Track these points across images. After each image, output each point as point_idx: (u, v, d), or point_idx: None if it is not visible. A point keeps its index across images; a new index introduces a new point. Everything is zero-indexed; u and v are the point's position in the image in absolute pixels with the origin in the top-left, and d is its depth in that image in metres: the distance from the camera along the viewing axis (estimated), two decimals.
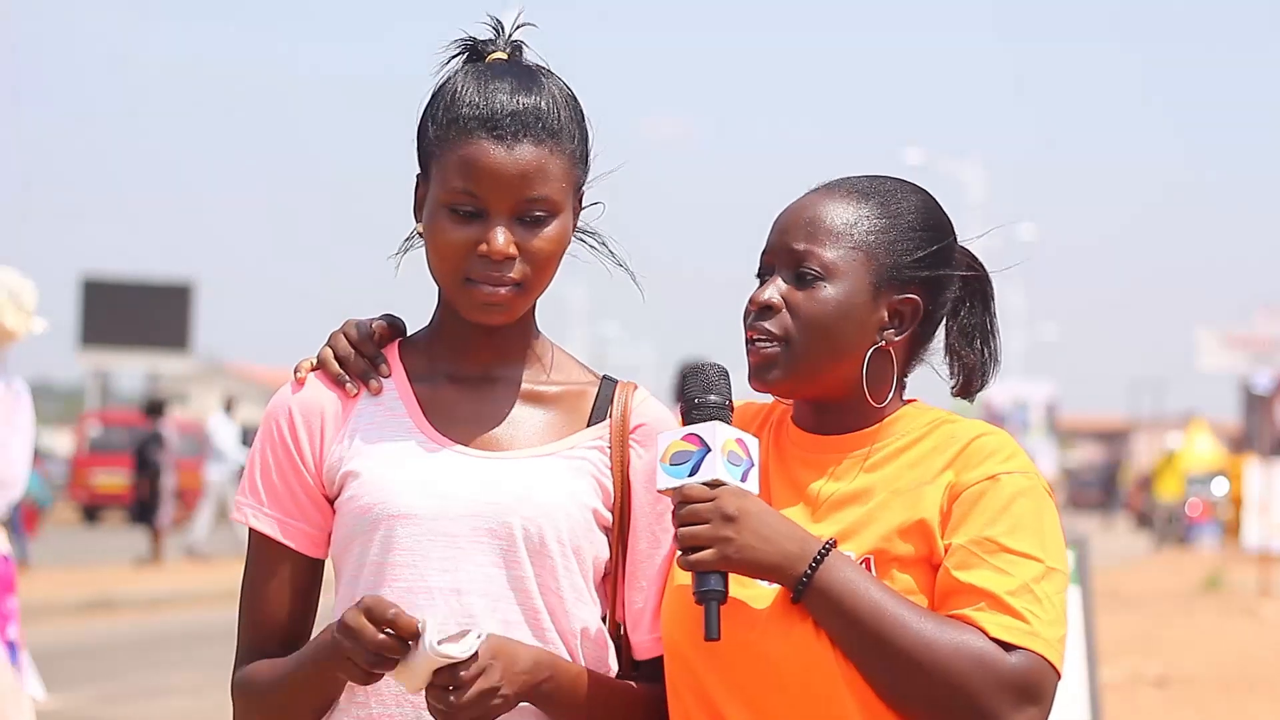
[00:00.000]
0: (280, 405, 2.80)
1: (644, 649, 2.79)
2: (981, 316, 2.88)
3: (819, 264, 2.73)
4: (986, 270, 2.89)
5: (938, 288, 2.79)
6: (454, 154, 2.69)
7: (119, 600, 20.35)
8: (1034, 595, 2.61)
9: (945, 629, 2.59)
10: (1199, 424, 50.62)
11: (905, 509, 2.68)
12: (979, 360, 2.87)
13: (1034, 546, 2.64)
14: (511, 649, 2.62)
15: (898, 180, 2.83)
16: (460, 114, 2.70)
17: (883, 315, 2.75)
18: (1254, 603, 23.28)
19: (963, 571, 2.63)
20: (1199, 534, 42.01)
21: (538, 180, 2.68)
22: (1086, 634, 6.78)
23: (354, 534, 2.73)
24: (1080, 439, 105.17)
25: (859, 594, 2.59)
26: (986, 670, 2.57)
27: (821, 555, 2.61)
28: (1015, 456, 2.71)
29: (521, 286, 2.70)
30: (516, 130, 2.68)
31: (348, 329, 2.82)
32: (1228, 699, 13.84)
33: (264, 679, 2.75)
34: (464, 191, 2.68)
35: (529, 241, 2.69)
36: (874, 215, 2.76)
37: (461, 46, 2.80)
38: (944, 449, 2.72)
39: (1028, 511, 2.67)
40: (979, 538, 2.64)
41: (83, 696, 13.27)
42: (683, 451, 2.63)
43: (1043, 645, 2.60)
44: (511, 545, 2.70)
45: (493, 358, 2.80)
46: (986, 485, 2.67)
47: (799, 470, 2.78)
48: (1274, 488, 26.53)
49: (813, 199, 2.79)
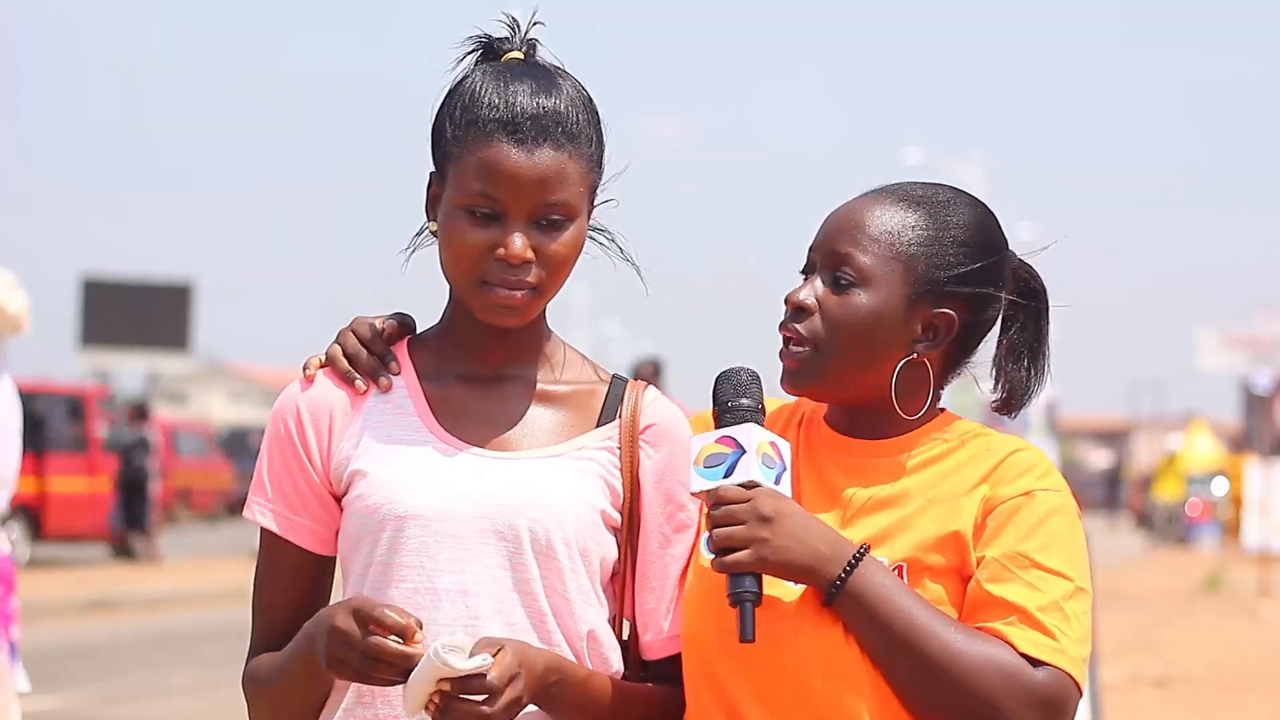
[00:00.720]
0: (288, 402, 2.79)
1: (654, 649, 2.79)
2: (1033, 336, 2.85)
3: (855, 270, 2.72)
4: (1044, 289, 2.86)
5: (980, 304, 2.77)
6: (473, 156, 2.68)
7: (119, 600, 20.36)
8: (1063, 613, 2.62)
9: (975, 641, 2.59)
10: (1199, 424, 50.64)
11: (941, 519, 2.68)
12: (1024, 379, 2.84)
13: (1065, 564, 2.65)
14: (531, 656, 2.61)
15: (955, 191, 2.80)
16: (480, 115, 2.69)
17: (917, 328, 2.73)
18: (1254, 603, 23.29)
19: (994, 585, 2.63)
20: (1199, 534, 42.04)
21: (556, 185, 2.68)
22: None
23: (361, 533, 2.73)
24: (1080, 439, 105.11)
25: (891, 600, 2.59)
26: (1014, 684, 2.58)
27: (856, 559, 2.61)
28: (1050, 474, 2.72)
29: (537, 290, 2.70)
30: (537, 134, 2.67)
31: (357, 326, 2.82)
32: (1227, 699, 13.85)
33: (263, 672, 2.76)
34: (482, 194, 2.67)
35: (546, 246, 2.69)
36: (920, 226, 2.74)
37: (476, 44, 2.79)
38: (979, 461, 2.72)
39: (1061, 529, 2.68)
40: (1012, 552, 2.64)
41: (83, 696, 13.28)
42: (717, 454, 2.63)
43: (1069, 663, 2.61)
44: (518, 547, 2.70)
45: (504, 357, 2.80)
46: (1022, 501, 2.67)
47: (830, 471, 2.77)
48: (1274, 488, 26.54)
49: (863, 202, 2.77)
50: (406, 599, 2.67)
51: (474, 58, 2.78)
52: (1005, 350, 2.84)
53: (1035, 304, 2.85)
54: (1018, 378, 2.84)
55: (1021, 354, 2.85)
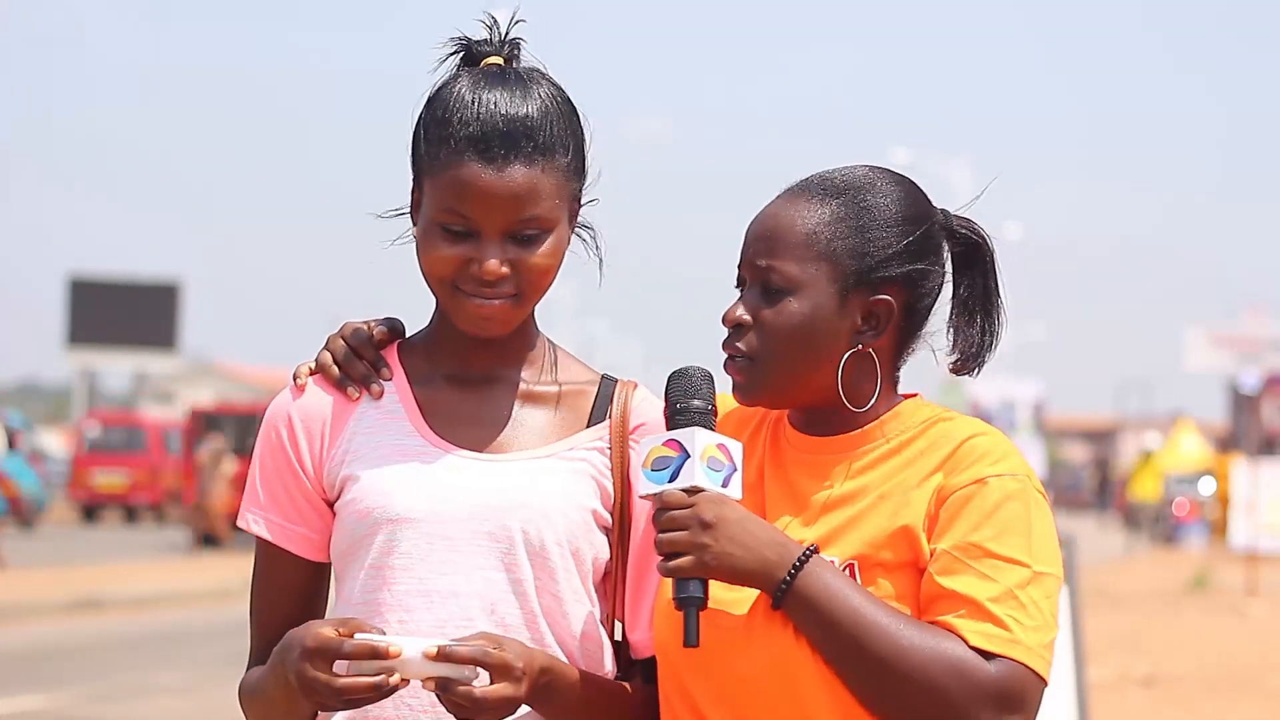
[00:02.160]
0: (280, 411, 2.79)
1: (644, 648, 2.79)
2: (982, 290, 2.80)
3: (782, 279, 2.68)
4: (984, 238, 2.80)
5: (917, 280, 2.72)
6: (444, 174, 2.67)
7: (107, 599, 20.33)
8: (1018, 601, 2.57)
9: (925, 636, 2.55)
10: (1186, 424, 50.68)
11: (890, 514, 2.65)
12: (978, 335, 2.79)
13: (1020, 551, 2.60)
14: (529, 655, 2.60)
15: (870, 171, 2.75)
16: (451, 132, 2.67)
17: (856, 320, 2.69)
18: (1240, 602, 23.33)
19: (945, 577, 2.59)
20: (1186, 534, 42.08)
21: (529, 201, 2.67)
22: (1074, 633, 6.79)
23: (353, 537, 2.73)
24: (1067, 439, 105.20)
25: (836, 600, 2.56)
26: (963, 679, 2.54)
27: (801, 561, 2.58)
28: (1006, 459, 2.66)
29: (517, 299, 2.70)
30: (507, 151, 2.65)
31: (345, 332, 2.82)
32: (1214, 698, 13.87)
33: (248, 689, 2.76)
34: (454, 212, 2.67)
35: (524, 259, 2.68)
36: (839, 219, 2.69)
37: (457, 46, 2.77)
38: (935, 450, 2.68)
39: (1015, 515, 2.62)
40: (964, 543, 2.60)
41: (70, 696, 13.26)
42: (664, 457, 2.62)
43: (1024, 653, 2.56)
44: (511, 548, 2.70)
45: (493, 360, 2.80)
46: (974, 489, 2.63)
47: (794, 472, 2.75)
48: (1261, 487, 26.58)
49: (777, 207, 2.73)
50: (399, 601, 2.67)
51: (454, 61, 2.76)
52: (957, 309, 2.79)
53: (980, 256, 2.80)
54: (971, 335, 2.79)
55: (974, 310, 2.79)
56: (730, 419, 2.80)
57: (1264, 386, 43.72)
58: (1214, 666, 15.84)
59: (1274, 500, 26.75)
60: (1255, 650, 17.44)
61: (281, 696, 2.64)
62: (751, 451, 2.77)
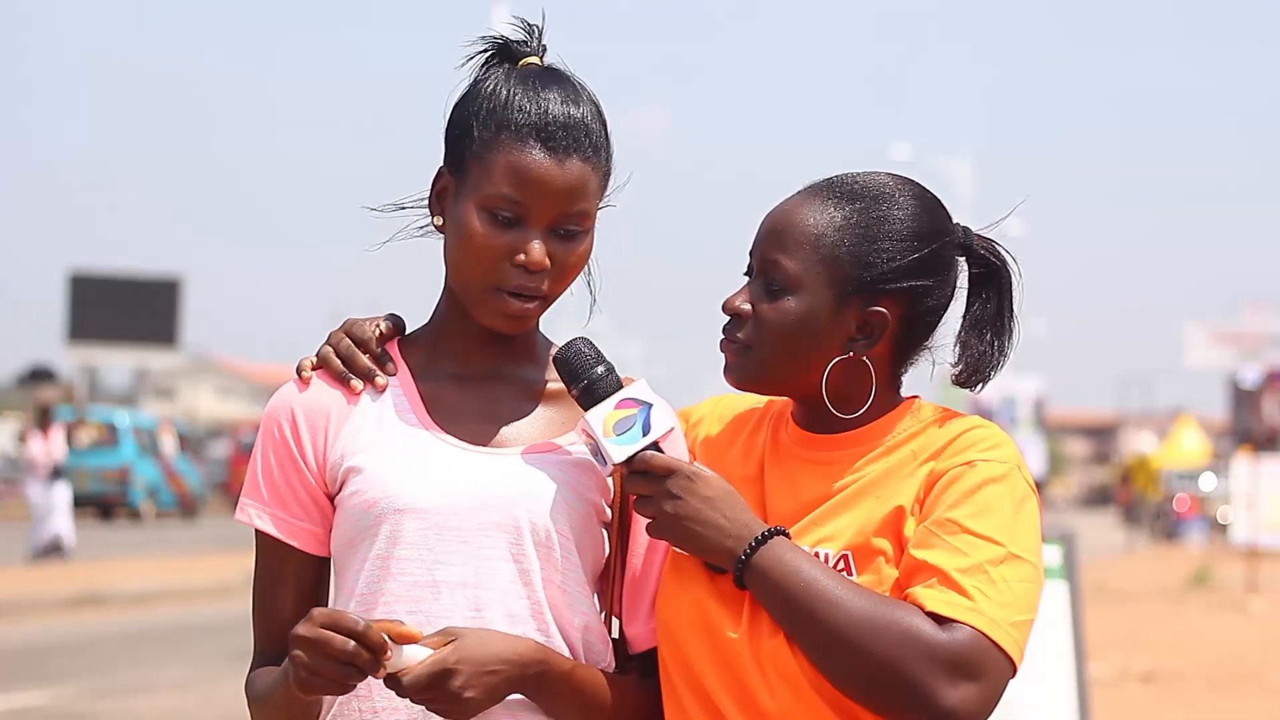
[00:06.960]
0: (282, 405, 2.79)
1: (641, 641, 2.80)
2: (995, 310, 2.80)
3: (783, 276, 2.70)
4: (1003, 261, 2.81)
5: (921, 295, 2.72)
6: (503, 158, 2.68)
7: (107, 595, 20.34)
8: (988, 576, 2.57)
9: (881, 607, 2.55)
10: (1187, 420, 50.71)
11: (884, 500, 2.66)
12: (986, 352, 2.79)
13: (997, 531, 2.60)
14: (495, 646, 2.60)
15: (893, 181, 2.75)
16: (513, 119, 2.68)
17: (850, 327, 2.70)
18: (1241, 598, 23.34)
19: (919, 550, 2.60)
20: (1187, 529, 42.09)
21: (580, 196, 2.69)
22: (1074, 629, 6.79)
23: (357, 529, 2.73)
24: (1069, 435, 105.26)
25: (789, 575, 2.58)
26: (913, 645, 2.52)
27: (760, 539, 2.61)
28: (998, 448, 2.67)
29: (544, 300, 2.72)
30: (568, 144, 2.68)
31: (351, 328, 2.82)
32: (1215, 694, 13.88)
33: (257, 690, 2.75)
34: (508, 198, 2.67)
35: (561, 255, 2.70)
36: (849, 224, 2.70)
37: (490, 44, 2.78)
38: (932, 443, 2.70)
39: (997, 497, 2.62)
40: (942, 518, 2.61)
41: (70, 692, 13.26)
42: (625, 418, 2.65)
43: (985, 623, 2.54)
44: (519, 538, 2.71)
45: (497, 357, 2.80)
46: (961, 470, 2.64)
47: (794, 467, 2.77)
48: (1262, 483, 26.57)
49: (793, 204, 2.75)
50: (405, 591, 2.68)
51: (485, 58, 2.77)
52: (968, 325, 2.80)
53: (997, 278, 2.80)
54: (980, 350, 2.79)
55: (984, 328, 2.80)
56: (732, 419, 2.85)
57: (1264, 382, 43.76)
58: (1215, 662, 15.85)
59: (1275, 496, 26.72)
60: (1256, 646, 17.45)
61: (285, 700, 2.64)
62: (753, 446, 2.81)
